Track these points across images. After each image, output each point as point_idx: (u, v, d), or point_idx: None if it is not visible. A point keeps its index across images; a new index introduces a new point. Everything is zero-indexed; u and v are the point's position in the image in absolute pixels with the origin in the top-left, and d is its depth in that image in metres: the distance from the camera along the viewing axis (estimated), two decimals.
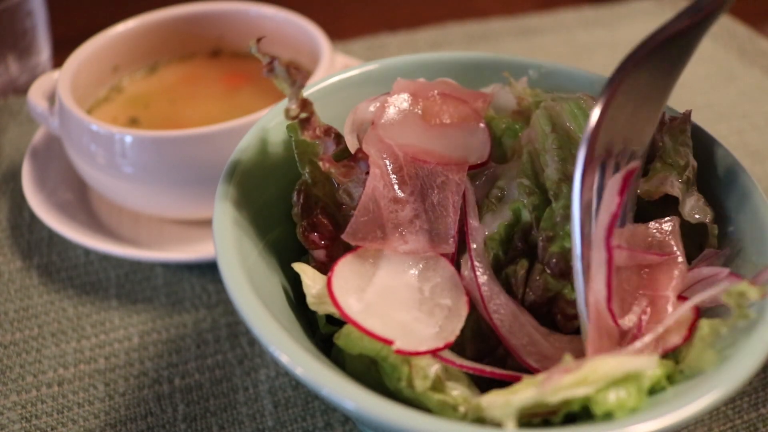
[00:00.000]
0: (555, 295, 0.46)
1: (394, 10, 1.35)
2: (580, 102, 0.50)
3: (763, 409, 0.58)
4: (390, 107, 0.51)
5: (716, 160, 0.50)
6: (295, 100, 0.47)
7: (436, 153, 0.49)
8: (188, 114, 0.78)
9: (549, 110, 0.50)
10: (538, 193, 0.49)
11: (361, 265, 0.46)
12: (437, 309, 0.44)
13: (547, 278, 0.46)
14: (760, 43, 1.09)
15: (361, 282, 0.45)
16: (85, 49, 0.79)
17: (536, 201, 0.48)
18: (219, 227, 0.44)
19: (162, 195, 0.70)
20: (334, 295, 0.43)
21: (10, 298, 0.69)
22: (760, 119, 0.94)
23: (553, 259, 0.46)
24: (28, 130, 0.90)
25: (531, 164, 0.50)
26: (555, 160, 0.48)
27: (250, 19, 0.87)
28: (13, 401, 0.59)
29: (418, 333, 0.42)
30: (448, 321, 0.43)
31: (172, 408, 0.59)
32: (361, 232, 0.46)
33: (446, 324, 0.43)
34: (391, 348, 0.41)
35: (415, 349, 0.41)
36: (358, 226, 0.46)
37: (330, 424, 0.57)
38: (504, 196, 0.50)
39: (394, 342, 0.41)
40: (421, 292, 0.45)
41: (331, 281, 0.44)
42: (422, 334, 0.42)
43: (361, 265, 0.46)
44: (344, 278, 0.44)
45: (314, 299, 0.44)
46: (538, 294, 0.46)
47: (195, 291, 0.69)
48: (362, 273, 0.45)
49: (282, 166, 0.51)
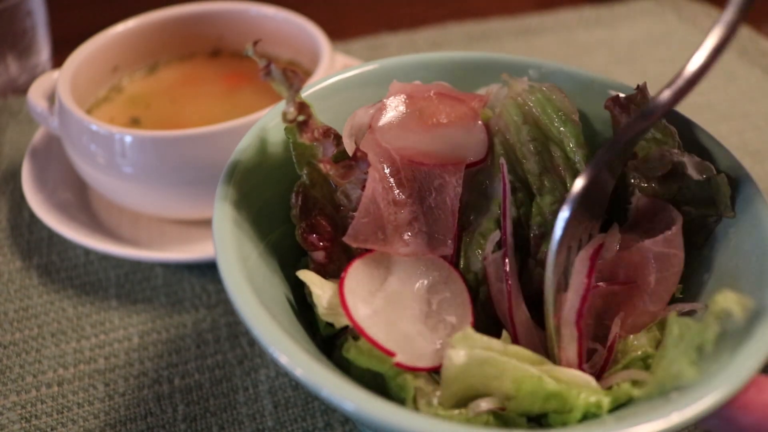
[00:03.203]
0: None
1: (394, 10, 1.35)
2: (547, 93, 0.52)
3: None
4: (387, 110, 0.51)
5: (716, 160, 0.50)
6: (292, 103, 0.46)
7: (433, 154, 0.49)
8: (188, 114, 0.78)
9: (516, 100, 0.52)
10: (522, 188, 0.50)
11: (376, 267, 0.46)
12: (441, 325, 0.44)
13: (540, 273, 0.47)
14: (760, 43, 1.09)
15: (372, 286, 0.45)
16: (85, 49, 0.79)
17: (522, 196, 0.49)
18: (219, 227, 0.44)
19: (162, 195, 0.70)
20: (345, 297, 0.43)
21: (10, 298, 0.69)
22: (760, 119, 0.94)
23: (544, 257, 0.47)
24: (28, 130, 0.90)
25: (507, 157, 0.50)
26: (532, 152, 0.50)
27: (250, 19, 0.87)
28: (13, 401, 0.59)
29: (420, 348, 0.43)
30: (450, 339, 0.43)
31: (172, 408, 0.59)
32: (363, 234, 0.46)
33: (448, 342, 0.43)
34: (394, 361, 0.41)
35: (414, 364, 0.42)
36: (359, 228, 0.46)
37: (330, 424, 0.57)
38: (486, 190, 0.50)
39: (396, 355, 0.41)
40: (429, 305, 0.45)
41: (343, 282, 0.44)
42: (423, 350, 0.43)
43: (376, 267, 0.46)
44: (357, 280, 0.44)
45: (327, 310, 0.44)
46: (533, 289, 0.47)
47: (195, 291, 0.69)
48: (375, 276, 0.45)
49: (282, 166, 0.51)
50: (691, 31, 1.14)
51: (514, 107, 0.51)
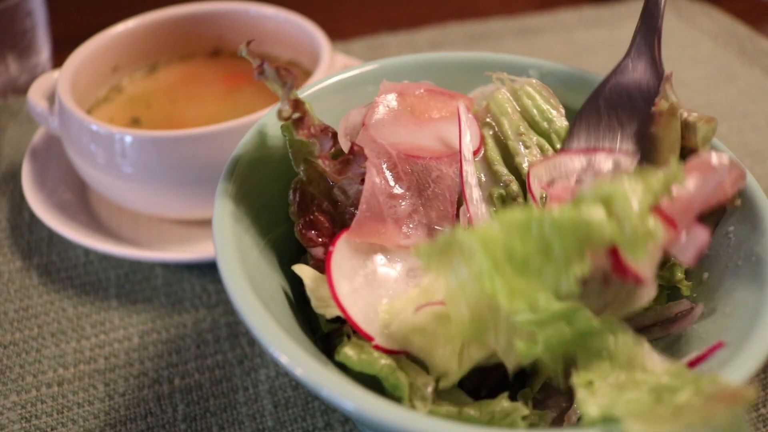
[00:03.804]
0: None
1: (394, 10, 1.35)
2: (535, 87, 0.54)
3: (763, 409, 0.58)
4: (379, 108, 0.52)
5: None
6: (287, 100, 0.47)
7: (427, 148, 0.50)
8: (188, 114, 0.78)
9: (505, 94, 0.54)
10: (515, 181, 0.51)
11: (362, 243, 0.46)
12: None
13: None
14: (760, 43, 1.09)
15: (356, 261, 0.45)
16: (85, 49, 0.79)
17: (516, 189, 0.50)
18: (219, 227, 0.44)
19: (162, 195, 0.70)
20: (331, 270, 0.44)
21: (10, 298, 0.69)
22: (760, 119, 0.94)
23: None
24: (28, 130, 0.90)
25: (499, 150, 0.52)
26: (522, 146, 0.52)
27: (250, 19, 0.87)
28: (13, 401, 0.59)
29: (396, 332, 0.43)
30: None
31: (172, 408, 0.59)
32: (366, 228, 0.46)
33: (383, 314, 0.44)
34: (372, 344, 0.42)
35: (392, 347, 0.42)
36: (362, 222, 0.46)
37: (330, 424, 0.57)
38: (479, 180, 0.51)
39: (374, 339, 0.42)
40: (406, 285, 0.45)
41: (330, 256, 0.44)
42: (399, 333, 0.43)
43: (362, 243, 0.46)
44: (342, 254, 0.45)
45: (318, 302, 0.45)
46: None
47: (195, 291, 0.69)
48: (361, 251, 0.46)
49: (282, 165, 0.51)
50: (690, 31, 1.14)
51: (504, 102, 0.53)
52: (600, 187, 0.38)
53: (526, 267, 0.36)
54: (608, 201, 0.37)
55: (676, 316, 0.47)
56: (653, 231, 0.37)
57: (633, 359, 0.39)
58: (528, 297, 0.36)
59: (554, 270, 0.36)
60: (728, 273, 0.46)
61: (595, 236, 0.36)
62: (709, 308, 0.46)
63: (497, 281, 0.36)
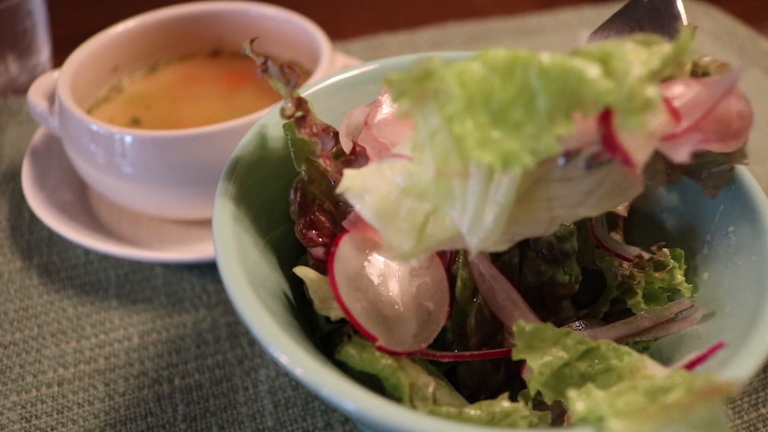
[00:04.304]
0: (547, 279, 0.49)
1: (394, 10, 1.35)
2: None
3: (763, 409, 0.58)
4: (382, 107, 0.51)
5: None
6: (290, 99, 0.47)
7: None
8: (188, 114, 0.78)
9: None
10: None
11: (363, 242, 0.46)
12: (419, 310, 0.44)
13: (540, 264, 0.48)
14: (760, 43, 1.09)
15: (358, 261, 0.45)
16: (85, 49, 0.79)
17: None
18: (219, 227, 0.44)
19: (162, 195, 0.70)
20: (334, 272, 0.43)
21: (10, 298, 0.69)
22: (760, 119, 0.94)
23: (544, 249, 0.48)
24: (28, 130, 0.90)
25: None
26: None
27: (250, 19, 0.87)
28: (13, 401, 0.59)
29: (399, 333, 0.43)
30: (427, 325, 0.44)
31: (172, 408, 0.59)
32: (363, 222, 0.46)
33: (424, 327, 0.44)
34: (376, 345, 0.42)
35: (394, 349, 0.42)
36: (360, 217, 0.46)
37: (330, 424, 0.57)
38: None
39: (378, 339, 0.42)
40: (409, 287, 0.45)
41: (333, 257, 0.44)
42: (402, 334, 0.43)
43: (363, 242, 0.46)
44: (345, 255, 0.45)
45: (321, 304, 0.44)
46: (534, 278, 0.49)
47: (195, 291, 0.69)
48: (362, 251, 0.46)
49: (282, 165, 0.51)
50: None
51: None
52: (599, 45, 0.32)
53: (504, 117, 0.32)
54: (606, 59, 0.32)
55: (676, 316, 0.47)
56: (653, 100, 0.31)
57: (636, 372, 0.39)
58: (500, 150, 0.31)
59: (535, 125, 0.31)
60: (728, 273, 0.46)
61: (587, 93, 0.31)
62: (709, 308, 0.46)
63: (468, 124, 0.32)
